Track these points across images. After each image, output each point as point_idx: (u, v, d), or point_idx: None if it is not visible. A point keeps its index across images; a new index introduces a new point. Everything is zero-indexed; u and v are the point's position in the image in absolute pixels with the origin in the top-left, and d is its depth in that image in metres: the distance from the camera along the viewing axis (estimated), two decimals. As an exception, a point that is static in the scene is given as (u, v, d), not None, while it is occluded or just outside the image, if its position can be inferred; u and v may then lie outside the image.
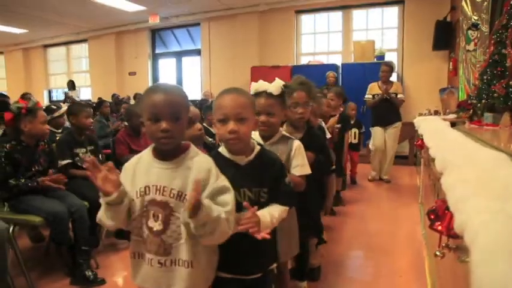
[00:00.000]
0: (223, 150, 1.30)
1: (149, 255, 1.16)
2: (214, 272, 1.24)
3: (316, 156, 1.84)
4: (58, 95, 11.32)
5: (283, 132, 1.64)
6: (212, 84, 8.69)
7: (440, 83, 6.21)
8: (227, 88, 1.28)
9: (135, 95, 7.85)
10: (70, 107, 3.01)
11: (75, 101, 8.04)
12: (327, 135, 2.63)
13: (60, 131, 3.69)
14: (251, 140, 1.31)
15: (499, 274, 0.42)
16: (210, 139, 3.52)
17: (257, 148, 1.30)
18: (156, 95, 1.12)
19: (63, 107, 4.13)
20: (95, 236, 2.68)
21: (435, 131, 2.06)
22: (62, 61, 11.44)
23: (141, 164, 1.18)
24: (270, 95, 1.53)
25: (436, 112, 5.20)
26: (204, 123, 3.78)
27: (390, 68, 4.86)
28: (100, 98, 7.11)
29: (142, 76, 9.68)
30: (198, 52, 9.11)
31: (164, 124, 1.09)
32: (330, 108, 3.44)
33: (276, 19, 7.87)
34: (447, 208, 0.87)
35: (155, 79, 9.82)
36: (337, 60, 7.51)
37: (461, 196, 0.70)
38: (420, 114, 5.26)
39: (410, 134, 5.61)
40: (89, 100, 9.22)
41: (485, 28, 3.72)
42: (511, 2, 2.31)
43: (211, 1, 7.62)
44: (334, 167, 2.33)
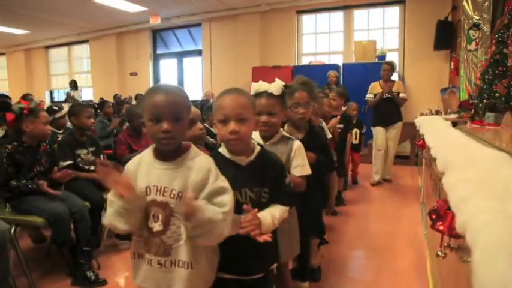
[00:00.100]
0: (223, 150, 1.30)
1: (149, 255, 1.16)
2: (214, 273, 1.23)
3: (317, 156, 1.83)
4: (60, 96, 11.33)
5: (283, 132, 1.64)
6: (213, 84, 8.70)
7: (441, 83, 6.19)
8: (227, 88, 1.28)
9: (137, 96, 7.86)
10: (71, 108, 3.00)
11: (77, 101, 8.07)
12: (328, 135, 2.63)
13: (61, 132, 3.69)
14: (251, 141, 1.31)
15: (501, 274, 0.42)
16: (212, 139, 3.53)
17: (257, 148, 1.30)
18: (158, 96, 1.12)
19: (64, 108, 4.14)
20: (96, 237, 2.68)
21: (436, 131, 2.06)
22: (64, 62, 11.46)
23: (142, 165, 1.18)
24: (271, 95, 1.53)
25: (438, 112, 5.19)
26: (205, 123, 3.79)
27: (391, 67, 4.85)
28: (101, 99, 7.13)
29: (143, 76, 9.69)
30: (199, 52, 9.12)
31: (165, 125, 1.09)
32: (331, 108, 3.44)
33: (277, 19, 7.87)
34: (449, 208, 0.87)
35: (156, 79, 9.83)
36: (338, 60, 7.50)
37: (462, 196, 0.70)
38: (421, 114, 5.25)
39: (411, 134, 5.60)
40: (90, 100, 9.24)
41: (486, 28, 3.72)
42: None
43: (212, 1, 7.63)
44: (335, 165, 2.32)
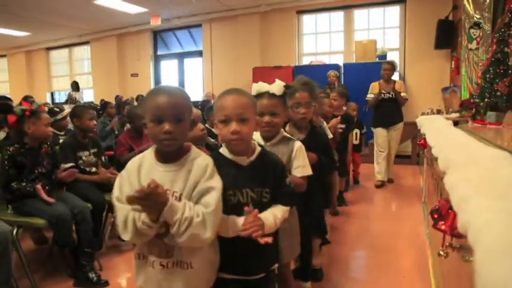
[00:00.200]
0: (224, 150, 1.30)
1: (151, 257, 1.16)
2: (215, 273, 1.24)
3: (318, 157, 1.83)
4: (60, 98, 11.34)
5: (284, 133, 1.64)
6: (214, 85, 8.70)
7: (442, 82, 6.18)
8: (228, 89, 1.28)
9: (138, 97, 7.87)
10: (74, 109, 3.00)
11: (78, 103, 8.09)
12: (329, 135, 2.63)
13: (63, 134, 3.69)
14: (252, 141, 1.31)
15: (503, 273, 0.42)
16: (213, 140, 3.53)
17: (258, 149, 1.30)
18: (159, 97, 1.12)
19: (65, 109, 4.14)
20: (98, 238, 2.68)
21: (438, 130, 2.06)
22: (65, 63, 11.48)
23: (144, 166, 1.18)
24: (273, 96, 1.53)
25: (439, 111, 5.18)
26: (206, 124, 3.79)
27: (392, 66, 4.84)
28: (103, 100, 7.14)
29: (144, 78, 9.69)
30: (200, 53, 9.13)
31: (167, 126, 1.10)
32: (332, 108, 3.44)
33: (278, 19, 7.87)
34: (450, 207, 0.87)
35: (157, 81, 9.83)
36: (339, 60, 7.50)
37: (464, 195, 0.70)
38: (423, 113, 5.24)
39: (412, 134, 5.59)
40: (91, 102, 9.24)
41: (487, 27, 3.72)
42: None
43: (212, 2, 7.63)
44: (337, 165, 2.32)
